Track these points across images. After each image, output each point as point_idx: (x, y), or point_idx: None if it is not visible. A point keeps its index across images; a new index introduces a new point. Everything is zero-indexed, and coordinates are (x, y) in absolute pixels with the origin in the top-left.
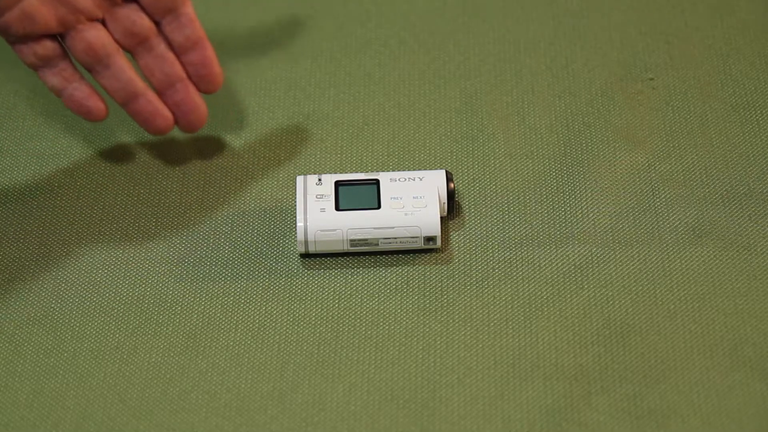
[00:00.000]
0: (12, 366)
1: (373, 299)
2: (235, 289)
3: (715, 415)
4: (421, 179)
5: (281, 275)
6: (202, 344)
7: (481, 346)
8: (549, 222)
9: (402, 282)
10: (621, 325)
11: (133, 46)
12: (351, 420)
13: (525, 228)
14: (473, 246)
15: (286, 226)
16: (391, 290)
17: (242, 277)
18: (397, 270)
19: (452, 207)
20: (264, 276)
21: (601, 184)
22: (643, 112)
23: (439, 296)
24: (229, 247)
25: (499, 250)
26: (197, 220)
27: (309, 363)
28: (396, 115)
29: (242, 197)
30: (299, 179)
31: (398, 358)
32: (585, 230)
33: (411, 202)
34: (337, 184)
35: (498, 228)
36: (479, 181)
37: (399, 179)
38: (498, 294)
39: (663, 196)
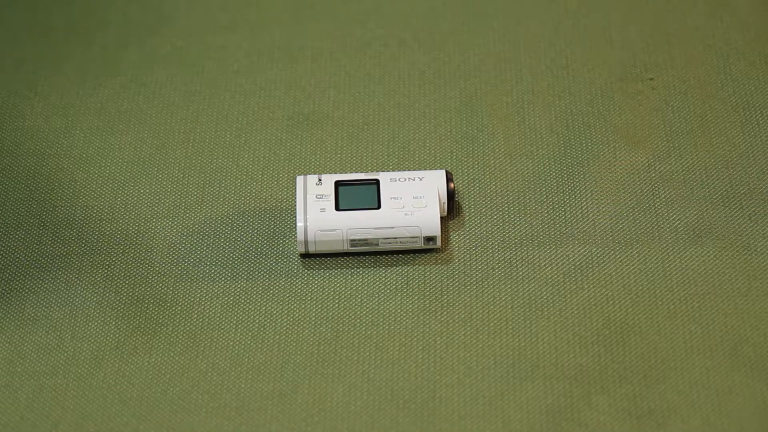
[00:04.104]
0: (12, 366)
1: (373, 299)
2: (235, 289)
3: (715, 415)
4: (421, 179)
5: (281, 275)
6: (202, 344)
7: (481, 346)
8: (549, 222)
9: (402, 282)
10: (621, 325)
11: None
12: (351, 420)
13: (525, 228)
14: (473, 246)
15: (286, 226)
16: (391, 290)
17: (242, 277)
18: (397, 270)
19: (452, 207)
20: (264, 276)
21: (601, 184)
22: (643, 112)
23: (439, 296)
24: (229, 247)
25: (499, 250)
26: (197, 220)
27: (309, 363)
28: (396, 115)
29: (242, 197)
30: (299, 179)
31: (398, 358)
32: (585, 230)
33: (411, 202)
34: (337, 184)
35: (498, 228)
36: (479, 181)
37: (399, 179)
38: (498, 294)
39: (663, 196)
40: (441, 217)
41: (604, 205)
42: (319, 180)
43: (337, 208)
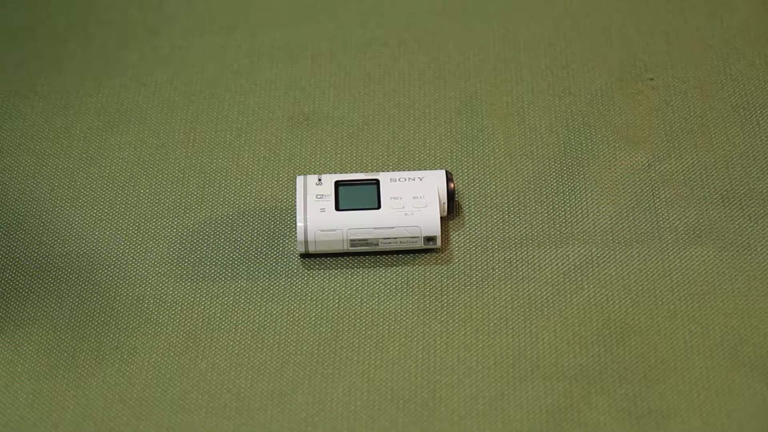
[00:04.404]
0: (12, 366)
1: (373, 299)
2: (235, 289)
3: (715, 415)
4: (421, 179)
5: (281, 275)
6: (202, 344)
7: (480, 346)
8: (549, 222)
9: (402, 282)
10: (621, 325)
11: None
12: (351, 420)
13: (525, 228)
14: (473, 246)
15: (286, 226)
16: (391, 290)
17: (242, 277)
18: (397, 270)
19: (452, 207)
20: (264, 276)
21: (601, 184)
22: (643, 112)
23: (439, 296)
24: (229, 247)
25: (499, 250)
26: (197, 220)
27: (309, 363)
28: (396, 115)
29: (242, 197)
30: (299, 179)
31: (398, 358)
32: (585, 230)
33: (411, 202)
34: (337, 184)
35: (498, 228)
36: (479, 181)
37: (399, 179)
38: (498, 294)
39: (663, 196)
40: (441, 217)
41: (604, 205)
42: (319, 180)
43: (337, 208)
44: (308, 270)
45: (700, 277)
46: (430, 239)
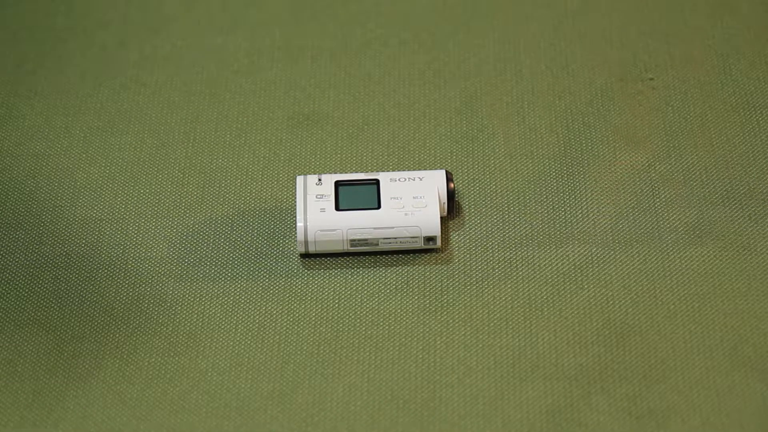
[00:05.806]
0: (12, 366)
1: (373, 299)
2: (235, 289)
3: (715, 415)
4: (421, 179)
5: (281, 275)
6: (202, 344)
7: (481, 346)
8: (549, 222)
9: (402, 282)
10: (621, 325)
11: None
12: (351, 420)
13: (525, 228)
14: (473, 246)
15: (286, 226)
16: (391, 290)
17: (242, 277)
18: (397, 270)
19: (452, 207)
20: (264, 276)
21: (601, 184)
22: (643, 112)
23: (439, 296)
24: (229, 247)
25: (499, 250)
26: (197, 220)
27: (309, 363)
28: (396, 115)
29: (242, 197)
30: (299, 179)
31: (398, 358)
32: (585, 230)
33: (411, 202)
34: (337, 184)
35: (498, 228)
36: (479, 181)
37: (399, 179)
38: (498, 294)
39: (663, 196)
40: (441, 217)
41: (604, 205)
42: (319, 180)
43: (337, 208)
44: (308, 270)
45: (700, 277)
46: (430, 239)
